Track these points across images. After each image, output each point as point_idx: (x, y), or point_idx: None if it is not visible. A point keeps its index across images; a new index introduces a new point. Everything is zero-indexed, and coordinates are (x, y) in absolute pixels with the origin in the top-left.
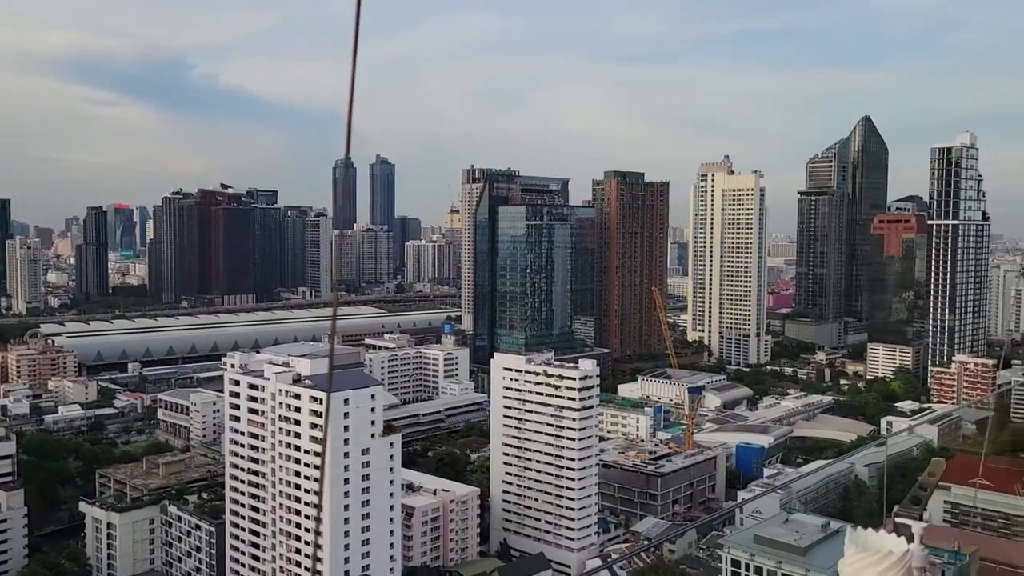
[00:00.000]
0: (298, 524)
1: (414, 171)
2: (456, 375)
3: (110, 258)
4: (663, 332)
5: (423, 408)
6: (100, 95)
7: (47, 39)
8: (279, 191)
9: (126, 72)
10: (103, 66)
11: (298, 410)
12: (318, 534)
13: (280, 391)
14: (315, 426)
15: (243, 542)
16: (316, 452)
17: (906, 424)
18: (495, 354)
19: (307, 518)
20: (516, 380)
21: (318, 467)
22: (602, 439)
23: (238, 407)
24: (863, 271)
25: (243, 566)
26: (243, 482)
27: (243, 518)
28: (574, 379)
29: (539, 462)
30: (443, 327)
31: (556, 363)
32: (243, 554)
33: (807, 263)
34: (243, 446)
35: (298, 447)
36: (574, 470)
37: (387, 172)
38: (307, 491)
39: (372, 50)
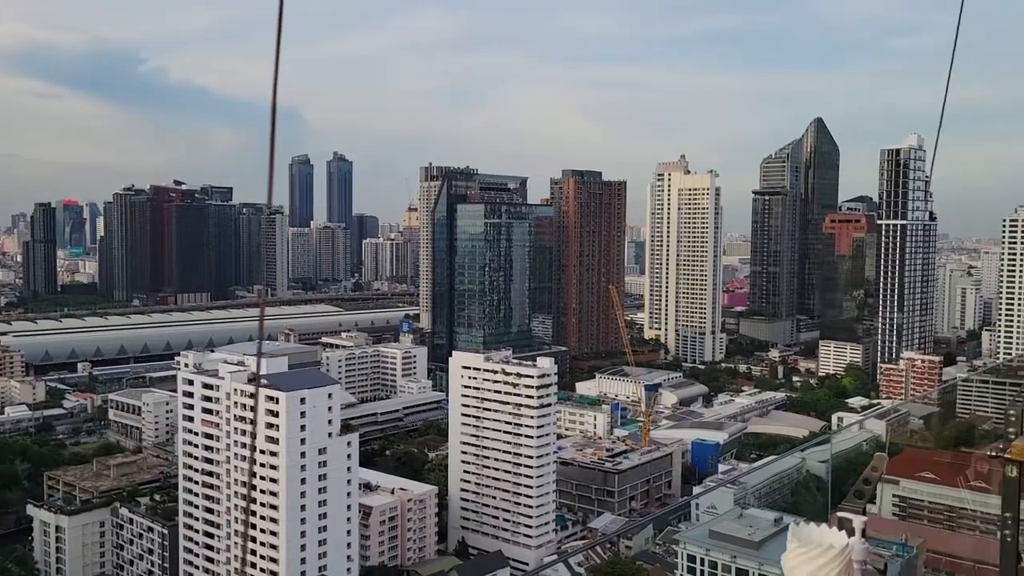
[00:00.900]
0: (253, 525)
1: (372, 169)
2: (414, 374)
3: (59, 255)
4: (620, 330)
5: (381, 407)
6: (46, 88)
7: None
8: (234, 188)
9: (73, 66)
10: (49, 59)
11: (253, 409)
12: (274, 534)
13: (235, 390)
14: (271, 426)
15: (197, 544)
16: (272, 452)
17: (856, 420)
18: (453, 352)
19: (263, 519)
20: (474, 378)
21: (274, 467)
22: (560, 437)
23: (192, 407)
24: (815, 270)
25: (197, 568)
26: (197, 483)
27: (197, 519)
28: (532, 377)
29: (497, 460)
30: (401, 325)
31: (514, 361)
32: (197, 556)
33: (761, 262)
34: (197, 446)
35: (254, 447)
36: (532, 468)
37: (344, 169)
38: (263, 491)
39: (331, 47)
